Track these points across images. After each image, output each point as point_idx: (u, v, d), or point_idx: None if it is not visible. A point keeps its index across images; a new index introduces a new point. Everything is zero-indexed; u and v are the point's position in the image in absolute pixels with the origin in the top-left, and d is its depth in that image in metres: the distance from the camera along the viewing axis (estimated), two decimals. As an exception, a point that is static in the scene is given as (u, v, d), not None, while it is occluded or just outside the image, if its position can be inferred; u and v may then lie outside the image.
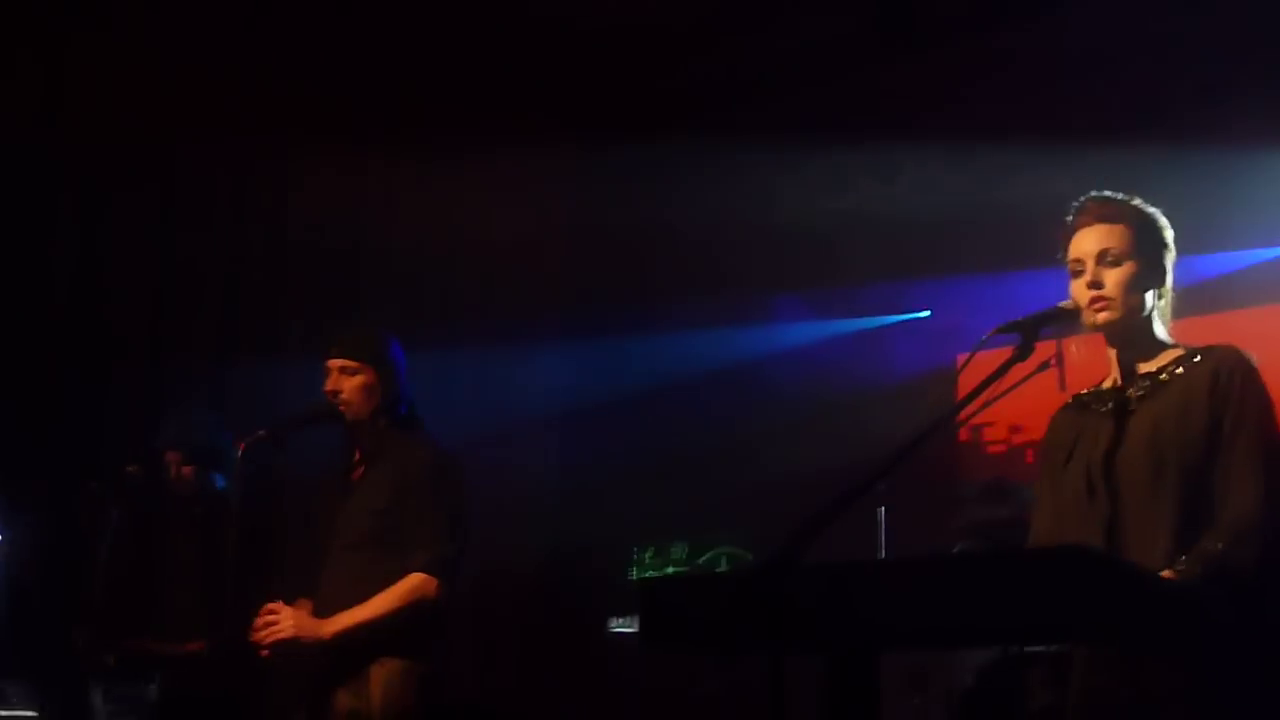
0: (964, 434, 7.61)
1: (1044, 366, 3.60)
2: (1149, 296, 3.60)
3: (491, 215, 8.04)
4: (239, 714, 5.60)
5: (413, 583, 4.67)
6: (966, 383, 3.24)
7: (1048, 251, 3.82)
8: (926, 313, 8.58)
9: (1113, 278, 3.56)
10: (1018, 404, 3.82)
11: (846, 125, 7.35)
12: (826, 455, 6.18)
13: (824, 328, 8.82)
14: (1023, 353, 3.30)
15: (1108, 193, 3.68)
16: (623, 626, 8.40)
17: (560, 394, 8.66)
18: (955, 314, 8.09)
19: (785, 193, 7.90)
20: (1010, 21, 7.03)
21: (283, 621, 4.66)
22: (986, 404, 3.27)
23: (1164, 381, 3.55)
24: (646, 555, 8.81)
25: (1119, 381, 3.65)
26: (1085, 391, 3.74)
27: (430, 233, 8.12)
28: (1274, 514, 3.36)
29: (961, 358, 3.28)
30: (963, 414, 3.25)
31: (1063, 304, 3.55)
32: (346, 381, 4.89)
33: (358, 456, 4.99)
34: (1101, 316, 3.57)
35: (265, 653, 4.68)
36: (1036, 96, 7.13)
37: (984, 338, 3.30)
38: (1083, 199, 3.68)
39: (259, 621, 4.69)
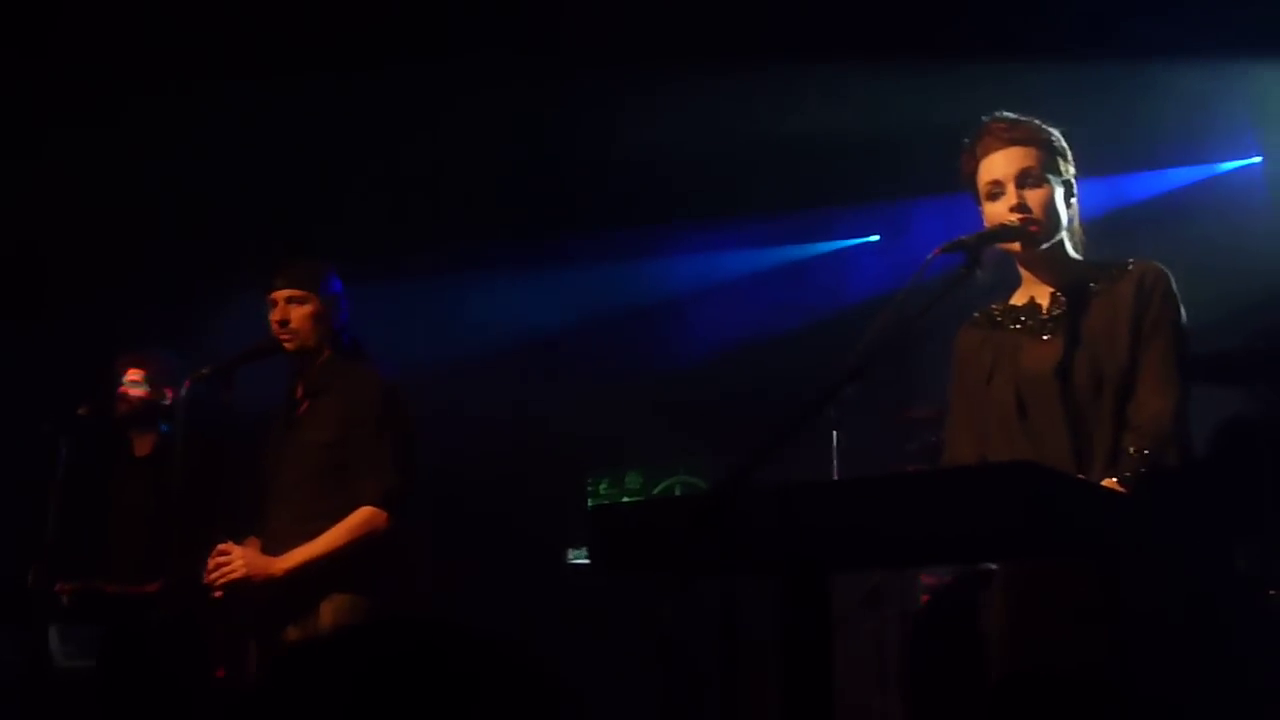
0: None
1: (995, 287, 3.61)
2: (1065, 215, 3.61)
3: (439, 143, 7.96)
4: (190, 654, 5.58)
5: (363, 516, 4.65)
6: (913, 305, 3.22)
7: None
8: (875, 237, 8.59)
9: (1036, 198, 3.56)
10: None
11: (792, 47, 7.29)
12: (781, 381, 6.18)
13: (776, 254, 8.81)
14: (968, 272, 3.31)
15: (1010, 114, 3.67)
16: (580, 558, 8.40)
17: (513, 324, 8.62)
18: (904, 237, 8.10)
19: (732, 118, 7.84)
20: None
21: (234, 561, 4.63)
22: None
23: (1092, 295, 3.56)
24: (601, 486, 8.81)
25: (1035, 299, 3.65)
26: (994, 307, 3.73)
27: (378, 164, 8.04)
28: (1184, 423, 3.42)
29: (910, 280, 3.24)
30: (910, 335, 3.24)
31: (1007, 221, 3.53)
32: (294, 311, 4.86)
33: (301, 392, 4.94)
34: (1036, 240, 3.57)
35: (218, 594, 4.66)
36: (980, 15, 7.08)
37: (928, 258, 3.28)
38: (985, 120, 3.67)
39: (211, 562, 4.66)
